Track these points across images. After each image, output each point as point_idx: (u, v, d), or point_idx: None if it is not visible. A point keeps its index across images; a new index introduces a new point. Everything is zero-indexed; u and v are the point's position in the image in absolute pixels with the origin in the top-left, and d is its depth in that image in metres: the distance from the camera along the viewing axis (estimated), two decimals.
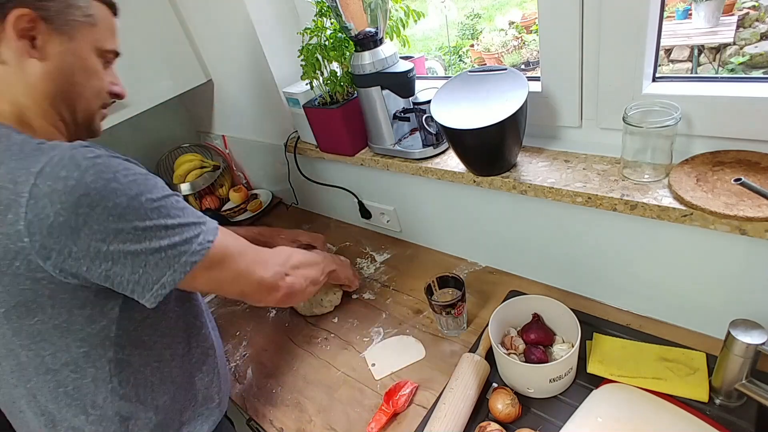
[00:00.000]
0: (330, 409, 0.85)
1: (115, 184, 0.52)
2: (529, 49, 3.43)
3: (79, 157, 0.51)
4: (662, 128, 0.65)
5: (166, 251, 0.56)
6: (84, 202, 0.50)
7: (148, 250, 0.55)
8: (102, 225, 0.51)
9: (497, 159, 0.81)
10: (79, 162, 0.51)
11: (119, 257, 0.53)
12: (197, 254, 0.58)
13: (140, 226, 0.54)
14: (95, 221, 0.51)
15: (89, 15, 0.62)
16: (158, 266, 0.56)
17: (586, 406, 0.69)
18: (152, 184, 0.57)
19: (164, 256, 0.56)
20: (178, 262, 0.56)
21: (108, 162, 0.53)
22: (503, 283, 1.00)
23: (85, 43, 0.61)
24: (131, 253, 0.54)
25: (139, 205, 0.54)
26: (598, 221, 0.78)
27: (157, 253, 0.55)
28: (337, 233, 1.34)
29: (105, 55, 0.66)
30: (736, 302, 0.70)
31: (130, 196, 0.53)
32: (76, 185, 0.50)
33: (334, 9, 0.87)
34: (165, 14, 1.26)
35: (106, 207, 0.51)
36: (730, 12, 2.74)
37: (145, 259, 0.55)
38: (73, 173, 0.50)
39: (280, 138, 1.30)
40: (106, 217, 0.51)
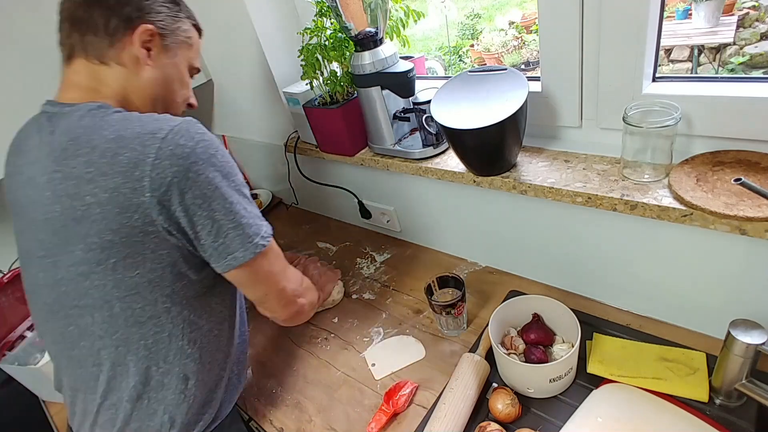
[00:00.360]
0: (330, 409, 0.85)
1: (216, 159, 0.61)
2: (529, 49, 3.43)
3: (192, 130, 0.60)
4: (662, 128, 0.65)
5: (244, 229, 0.63)
6: (193, 168, 0.59)
7: (231, 224, 0.62)
8: (202, 191, 0.60)
9: (497, 159, 0.81)
10: (192, 134, 0.60)
11: (207, 223, 0.61)
12: (265, 240, 0.66)
13: (229, 200, 0.62)
14: (198, 186, 0.59)
15: (189, 36, 0.75)
16: (235, 241, 0.63)
17: (586, 406, 0.69)
18: (237, 169, 0.66)
19: (242, 233, 0.63)
20: (251, 242, 0.64)
21: (212, 140, 0.62)
22: (503, 283, 1.00)
23: (183, 59, 0.74)
24: (217, 222, 0.61)
25: (230, 183, 0.63)
26: (598, 221, 0.78)
27: (237, 229, 0.63)
28: (337, 233, 1.34)
29: (192, 71, 0.78)
30: (736, 302, 0.70)
31: (224, 173, 0.62)
32: (190, 153, 0.59)
33: (334, 9, 0.87)
34: None
35: (207, 176, 0.60)
36: (730, 12, 2.74)
37: (227, 231, 0.62)
38: (189, 142, 0.59)
39: (280, 138, 1.30)
40: (205, 183, 0.60)
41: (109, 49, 0.66)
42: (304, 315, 0.80)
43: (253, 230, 0.65)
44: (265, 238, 0.66)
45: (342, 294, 1.09)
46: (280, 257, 0.72)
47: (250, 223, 0.64)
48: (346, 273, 1.17)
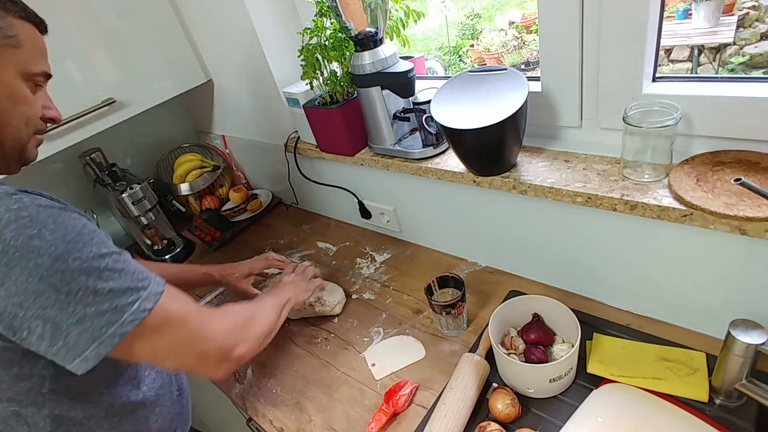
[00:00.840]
0: (330, 409, 0.85)
1: (39, 241, 0.46)
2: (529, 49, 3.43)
3: (0, 210, 0.46)
4: (662, 128, 0.65)
5: (92, 321, 0.49)
6: (1, 261, 0.45)
7: (71, 319, 0.48)
8: (20, 287, 0.46)
9: (497, 159, 0.81)
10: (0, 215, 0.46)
11: (36, 326, 0.47)
12: (128, 324, 0.51)
13: (63, 290, 0.47)
14: (12, 283, 0.46)
15: (11, 36, 0.55)
16: (81, 338, 0.49)
17: (586, 406, 0.69)
18: (87, 240, 0.50)
19: (89, 327, 0.49)
20: (105, 333, 0.49)
21: (35, 214, 0.47)
22: (503, 283, 1.00)
23: (8, 69, 0.55)
24: (50, 320, 0.47)
25: (65, 266, 0.47)
26: (598, 221, 0.78)
27: (81, 324, 0.48)
28: (337, 233, 1.34)
29: (34, 78, 0.59)
30: (736, 302, 0.70)
31: (55, 256, 0.47)
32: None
33: (334, 9, 0.87)
34: (165, 14, 1.26)
35: (25, 267, 0.46)
36: (730, 12, 2.74)
37: (67, 329, 0.48)
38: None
39: (280, 138, 1.30)
40: (24, 278, 0.46)
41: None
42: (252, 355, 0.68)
43: (108, 318, 0.50)
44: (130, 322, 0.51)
45: (342, 305, 1.05)
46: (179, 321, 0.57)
47: (101, 311, 0.49)
48: (345, 273, 1.17)
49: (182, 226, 1.55)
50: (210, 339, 0.60)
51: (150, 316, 0.53)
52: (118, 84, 1.21)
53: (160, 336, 0.55)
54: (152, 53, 1.26)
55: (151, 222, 1.36)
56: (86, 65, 1.14)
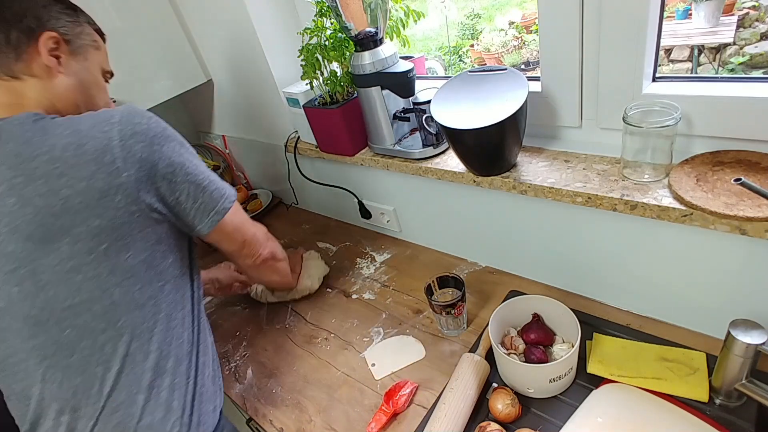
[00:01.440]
0: (330, 409, 0.85)
1: (169, 132, 0.67)
2: (529, 49, 3.43)
3: (139, 111, 0.65)
4: (662, 128, 0.65)
5: (216, 185, 0.71)
6: (156, 141, 0.63)
7: (203, 183, 0.69)
8: (170, 159, 0.64)
9: (497, 159, 0.81)
10: (141, 113, 0.64)
11: (185, 186, 0.66)
12: (234, 195, 0.74)
13: (193, 164, 0.68)
14: (165, 156, 0.64)
15: (94, 40, 0.75)
16: (213, 197, 0.70)
17: (586, 406, 0.69)
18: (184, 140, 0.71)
19: (216, 188, 0.71)
20: (224, 195, 0.72)
21: (156, 117, 0.66)
22: (503, 283, 1.00)
23: (95, 63, 0.74)
24: (193, 184, 0.67)
25: (187, 150, 0.68)
26: (598, 221, 0.78)
27: (210, 187, 0.70)
28: (337, 233, 1.34)
29: (105, 75, 0.78)
30: (736, 302, 0.70)
31: (180, 141, 0.68)
32: (147, 128, 0.63)
33: (334, 9, 0.87)
34: (165, 14, 1.26)
35: (169, 146, 0.65)
36: (730, 12, 2.74)
37: (204, 189, 0.69)
38: (142, 120, 0.64)
39: (280, 138, 1.30)
40: (171, 152, 0.65)
41: (16, 63, 0.65)
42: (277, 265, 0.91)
43: (220, 187, 0.72)
44: (231, 189, 0.74)
45: (320, 282, 1.12)
46: (241, 208, 0.80)
47: (215, 181, 0.71)
48: (346, 273, 1.17)
49: None
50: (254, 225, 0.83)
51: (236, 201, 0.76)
52: (118, 84, 1.19)
53: (237, 214, 0.76)
54: (152, 53, 1.26)
55: None
56: None
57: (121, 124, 0.62)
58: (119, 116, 0.62)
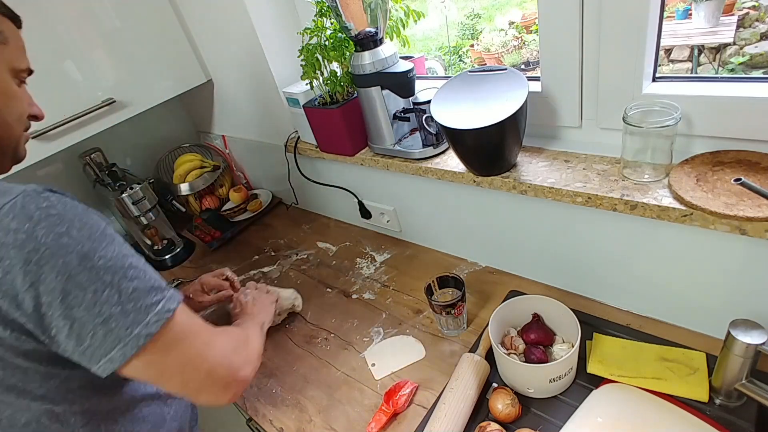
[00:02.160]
0: (330, 409, 0.85)
1: (67, 239, 0.47)
2: (529, 49, 3.43)
3: (31, 207, 0.47)
4: (662, 128, 0.65)
5: (118, 321, 0.49)
6: (32, 259, 0.45)
7: (97, 319, 0.48)
8: (49, 286, 0.46)
9: (497, 159, 0.81)
10: (31, 213, 0.46)
11: (63, 325, 0.48)
12: (153, 325, 0.50)
13: (90, 289, 0.48)
14: (42, 282, 0.46)
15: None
16: (107, 338, 0.49)
17: (586, 406, 0.69)
18: (110, 239, 0.50)
19: (115, 327, 0.49)
20: (130, 335, 0.49)
21: (63, 212, 0.48)
22: (503, 283, 1.00)
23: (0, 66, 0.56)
24: (78, 321, 0.48)
25: (91, 264, 0.48)
26: (598, 221, 0.78)
27: (107, 324, 0.48)
28: (337, 233, 1.34)
29: (20, 75, 0.59)
30: (736, 302, 0.70)
31: (82, 254, 0.47)
32: (26, 239, 0.45)
33: (334, 9, 0.87)
34: (165, 14, 1.26)
35: (55, 266, 0.46)
36: (730, 12, 2.74)
37: (93, 329, 0.48)
38: (23, 225, 0.46)
39: (280, 138, 1.30)
40: (54, 277, 0.46)
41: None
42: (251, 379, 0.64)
43: (133, 318, 0.49)
44: (155, 322, 0.51)
45: (300, 301, 1.06)
46: (192, 331, 0.55)
47: (126, 311, 0.49)
48: (346, 273, 1.17)
49: (182, 226, 1.55)
50: (218, 357, 0.57)
51: (173, 318, 0.52)
52: (118, 84, 1.21)
53: (175, 346, 0.53)
54: (152, 53, 1.26)
55: (151, 222, 1.36)
56: (86, 65, 1.14)
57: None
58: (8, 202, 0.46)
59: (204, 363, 0.55)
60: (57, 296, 0.46)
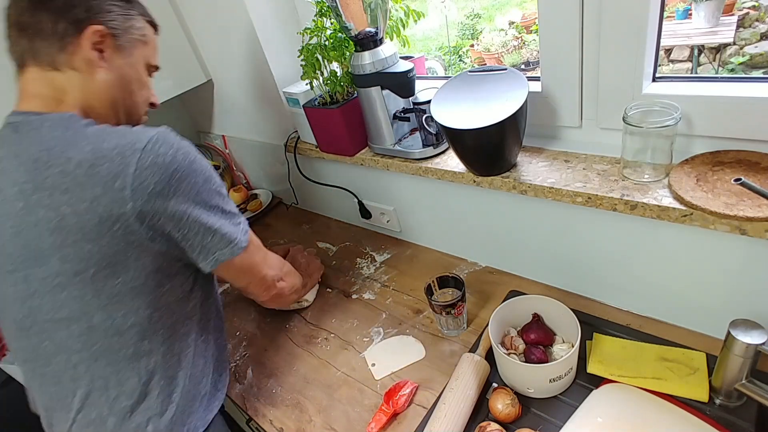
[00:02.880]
0: (330, 409, 0.85)
1: (195, 165, 0.63)
2: (529, 49, 3.43)
3: (170, 139, 0.61)
4: (662, 128, 0.65)
5: (227, 229, 0.66)
6: (175, 176, 0.60)
7: (215, 225, 0.65)
8: (185, 196, 0.61)
9: (497, 159, 0.81)
10: (171, 143, 0.61)
11: (194, 225, 0.63)
12: (245, 237, 0.70)
13: (210, 203, 0.64)
14: (181, 192, 0.61)
15: (144, 34, 0.72)
16: (220, 242, 0.66)
17: (586, 406, 0.69)
18: (215, 175, 0.67)
19: (225, 233, 0.66)
20: (233, 242, 0.67)
21: (189, 147, 0.63)
22: (503, 283, 1.00)
23: (140, 58, 0.72)
24: (204, 224, 0.64)
25: (210, 186, 0.65)
26: (598, 221, 0.78)
27: (221, 230, 0.66)
28: (337, 233, 1.34)
29: (150, 69, 0.76)
30: (736, 302, 0.70)
31: (205, 177, 0.64)
32: (171, 161, 0.59)
33: (334, 9, 0.87)
34: (165, 14, 1.26)
35: (189, 182, 0.61)
36: (730, 12, 2.74)
37: (213, 232, 0.65)
38: (168, 150, 0.60)
39: (280, 138, 1.30)
40: (189, 189, 0.61)
41: (59, 54, 0.63)
42: (285, 298, 0.86)
43: (234, 229, 0.68)
44: (245, 235, 0.70)
45: (315, 295, 1.11)
46: (259, 248, 0.75)
47: (231, 223, 0.67)
48: (346, 273, 1.17)
49: None
50: (270, 267, 0.79)
51: (251, 237, 0.72)
52: None
53: (249, 256, 0.71)
54: None
55: None
56: None
57: (144, 152, 0.58)
58: (146, 141, 0.59)
59: (261, 270, 0.76)
60: (190, 205, 0.62)
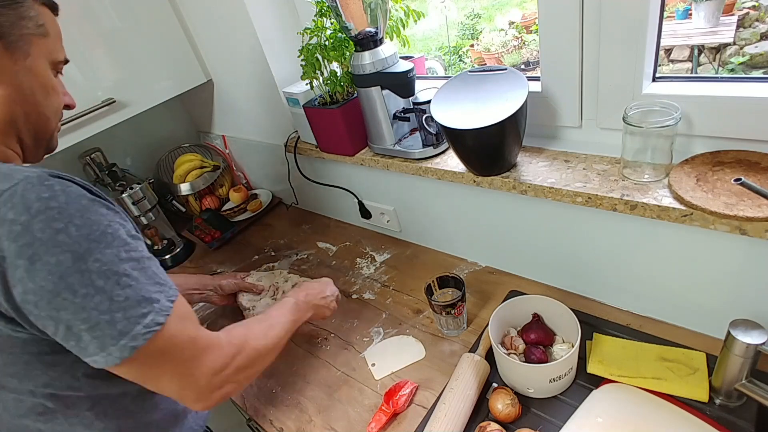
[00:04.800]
0: (330, 409, 0.85)
1: (64, 236, 0.45)
2: (529, 49, 3.43)
3: (31, 197, 0.45)
4: (662, 128, 0.65)
5: (104, 329, 0.47)
6: (25, 254, 0.44)
7: (83, 324, 0.47)
8: (38, 284, 0.45)
9: (497, 159, 0.81)
10: (30, 204, 0.45)
11: (49, 325, 0.47)
12: (140, 338, 0.49)
13: (80, 293, 0.46)
14: (31, 279, 0.44)
15: (41, 25, 0.55)
16: (92, 344, 0.48)
17: (586, 406, 0.69)
18: (109, 240, 0.49)
19: (101, 335, 0.47)
20: (116, 344, 0.48)
21: (64, 205, 0.46)
22: (503, 283, 1.00)
23: (40, 58, 0.55)
24: (63, 322, 0.47)
25: (85, 267, 0.46)
26: (598, 221, 0.78)
27: (93, 331, 0.47)
28: (337, 233, 1.34)
29: (57, 66, 0.59)
30: (736, 302, 0.70)
31: (77, 254, 0.46)
32: (21, 232, 0.44)
33: (334, 9, 0.87)
34: (165, 14, 1.26)
35: (47, 263, 0.45)
36: (730, 12, 2.74)
37: (78, 334, 0.47)
38: (20, 217, 0.44)
39: (280, 138, 1.29)
40: (44, 275, 0.45)
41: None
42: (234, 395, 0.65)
43: (120, 329, 0.48)
44: (142, 335, 0.49)
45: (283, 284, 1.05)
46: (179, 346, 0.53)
47: (115, 320, 0.47)
48: (346, 273, 1.17)
49: (182, 226, 1.55)
50: (199, 374, 0.55)
51: (160, 333, 0.50)
52: (118, 84, 1.21)
53: (160, 358, 0.52)
54: (152, 53, 1.26)
55: (151, 222, 1.36)
56: (86, 65, 1.14)
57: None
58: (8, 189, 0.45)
59: (184, 377, 0.54)
60: (45, 296, 0.45)
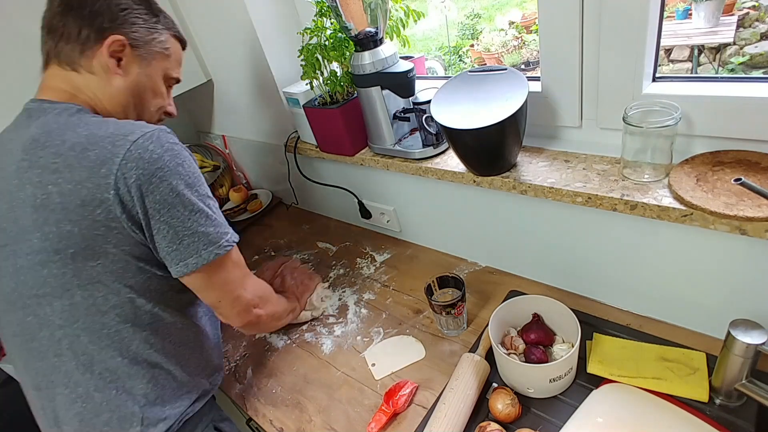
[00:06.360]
0: (330, 409, 0.85)
1: (181, 169, 0.64)
2: (529, 49, 3.43)
3: (164, 139, 0.64)
4: (662, 128, 0.65)
5: (200, 238, 0.66)
6: (158, 174, 0.62)
7: (187, 232, 0.65)
8: (162, 197, 0.62)
9: (497, 159, 0.81)
10: (163, 142, 0.63)
11: (164, 228, 0.64)
12: (222, 248, 0.68)
13: (188, 208, 0.64)
14: (159, 192, 0.62)
15: (166, 47, 0.76)
16: (189, 248, 0.65)
17: (586, 406, 0.69)
18: (202, 180, 0.68)
19: (196, 242, 0.66)
20: (205, 251, 0.66)
21: (180, 150, 0.65)
22: (503, 283, 1.00)
23: (158, 69, 0.76)
24: (174, 228, 0.64)
25: (193, 192, 0.65)
26: (598, 221, 0.78)
27: (193, 237, 0.65)
28: (337, 233, 1.34)
29: (169, 80, 0.79)
30: (736, 302, 0.70)
31: (189, 182, 0.65)
32: (157, 159, 0.62)
33: (334, 9, 0.87)
34: None
35: (170, 184, 0.63)
36: (730, 12, 2.74)
37: (182, 238, 0.65)
38: (157, 149, 0.62)
39: (280, 138, 1.30)
40: (167, 192, 0.62)
41: (80, 58, 0.68)
42: (263, 326, 0.82)
43: (210, 239, 0.67)
44: (221, 248, 0.68)
45: (326, 303, 1.07)
46: (239, 266, 0.74)
47: (207, 232, 0.67)
48: (345, 273, 1.17)
49: None
50: (247, 290, 0.75)
51: (232, 250, 0.70)
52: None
53: (223, 271, 0.70)
54: None
55: None
56: None
57: (134, 144, 0.61)
58: (138, 135, 0.62)
59: (235, 290, 0.73)
60: (165, 206, 0.63)
